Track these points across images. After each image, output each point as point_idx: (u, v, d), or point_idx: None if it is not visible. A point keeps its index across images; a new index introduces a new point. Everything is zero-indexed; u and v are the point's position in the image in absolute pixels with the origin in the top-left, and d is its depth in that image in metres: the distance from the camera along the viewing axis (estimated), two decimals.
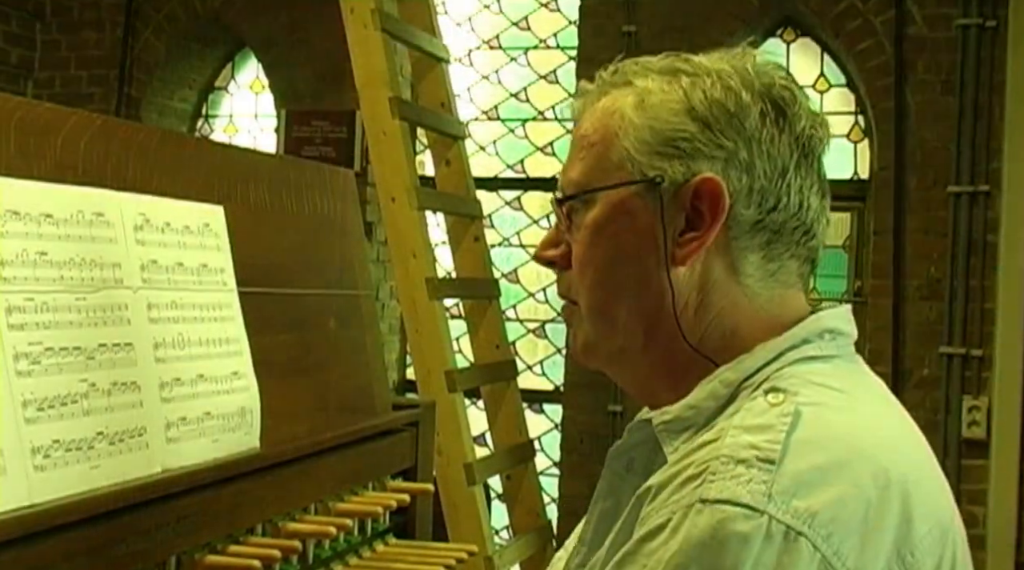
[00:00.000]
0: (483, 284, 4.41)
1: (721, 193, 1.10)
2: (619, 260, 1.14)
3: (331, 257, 2.07)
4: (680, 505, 0.98)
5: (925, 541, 1.01)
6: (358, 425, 1.96)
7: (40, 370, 1.33)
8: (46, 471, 1.30)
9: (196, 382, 1.59)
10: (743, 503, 0.95)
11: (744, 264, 1.13)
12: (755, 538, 0.94)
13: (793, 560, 0.94)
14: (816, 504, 0.96)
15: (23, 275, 1.34)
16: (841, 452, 1.00)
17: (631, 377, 1.21)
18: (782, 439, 0.99)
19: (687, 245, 1.12)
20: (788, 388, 1.05)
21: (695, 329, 1.14)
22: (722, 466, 0.98)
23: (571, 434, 5.68)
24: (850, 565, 0.95)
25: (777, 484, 0.96)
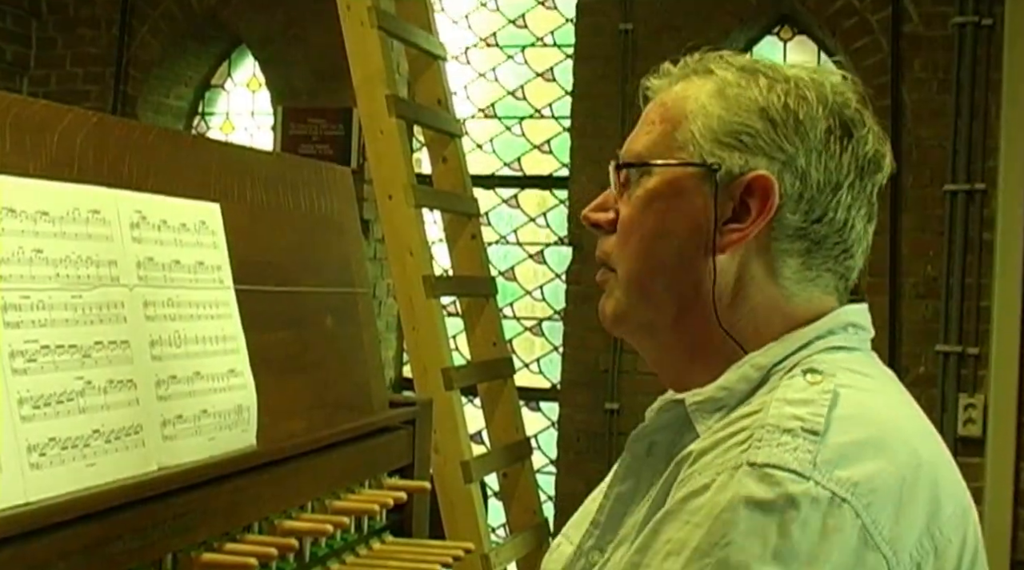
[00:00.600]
0: (480, 282, 4.41)
1: (772, 192, 1.14)
2: (663, 235, 1.18)
3: (328, 255, 2.07)
4: (726, 467, 1.02)
5: (952, 520, 1.05)
6: (355, 423, 1.96)
7: (36, 368, 1.32)
8: (42, 469, 1.30)
9: (193, 380, 1.59)
10: (791, 468, 0.99)
11: (782, 267, 1.17)
12: (803, 501, 0.98)
13: (837, 524, 0.97)
14: (857, 475, 1.00)
15: (19, 273, 1.34)
16: (877, 431, 1.04)
17: (654, 351, 1.24)
18: (824, 413, 1.03)
19: (729, 235, 1.16)
20: (824, 370, 1.10)
21: (728, 317, 1.17)
22: (768, 434, 1.02)
23: (568, 432, 5.68)
24: (885, 535, 0.99)
25: (821, 454, 1.00)
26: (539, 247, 6.17)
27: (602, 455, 5.42)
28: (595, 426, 5.56)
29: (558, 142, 6.11)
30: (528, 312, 6.18)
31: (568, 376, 5.71)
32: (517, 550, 4.18)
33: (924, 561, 1.01)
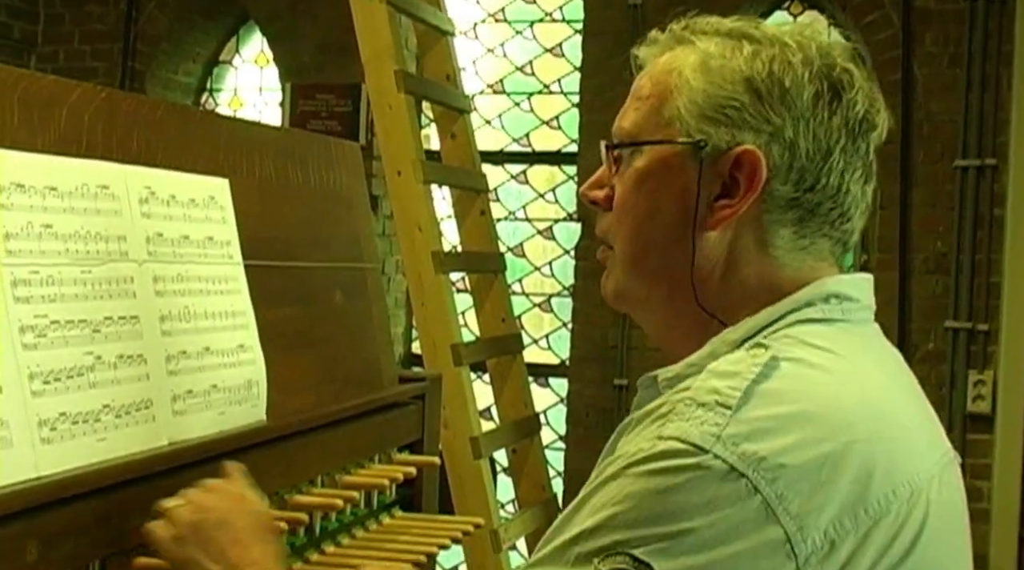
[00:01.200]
0: (489, 258, 4.40)
1: (759, 166, 1.13)
2: (655, 214, 1.18)
3: (337, 230, 2.06)
4: (644, 439, 1.03)
5: (885, 499, 1.02)
6: (364, 398, 1.97)
7: (46, 343, 1.33)
8: (52, 444, 1.30)
9: (202, 355, 1.59)
10: (691, 442, 0.99)
11: (774, 237, 1.16)
12: (695, 473, 0.98)
13: (729, 497, 0.97)
14: (765, 450, 0.99)
15: (28, 248, 1.34)
16: (806, 405, 1.03)
17: (653, 325, 1.25)
18: (744, 387, 1.02)
19: (719, 211, 1.15)
20: (771, 344, 1.09)
21: (719, 292, 1.17)
22: (684, 407, 1.03)
23: (577, 408, 5.69)
24: (792, 510, 0.98)
25: (729, 428, 1.00)
26: (548, 223, 6.16)
27: (611, 431, 5.37)
28: (604, 402, 5.56)
29: (567, 118, 6.09)
30: (537, 288, 6.18)
31: (577, 352, 5.71)
32: (526, 525, 4.19)
33: (841, 540, 0.99)
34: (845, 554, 0.99)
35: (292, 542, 1.71)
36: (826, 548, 0.98)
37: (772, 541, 0.97)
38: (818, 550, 0.98)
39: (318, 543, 1.77)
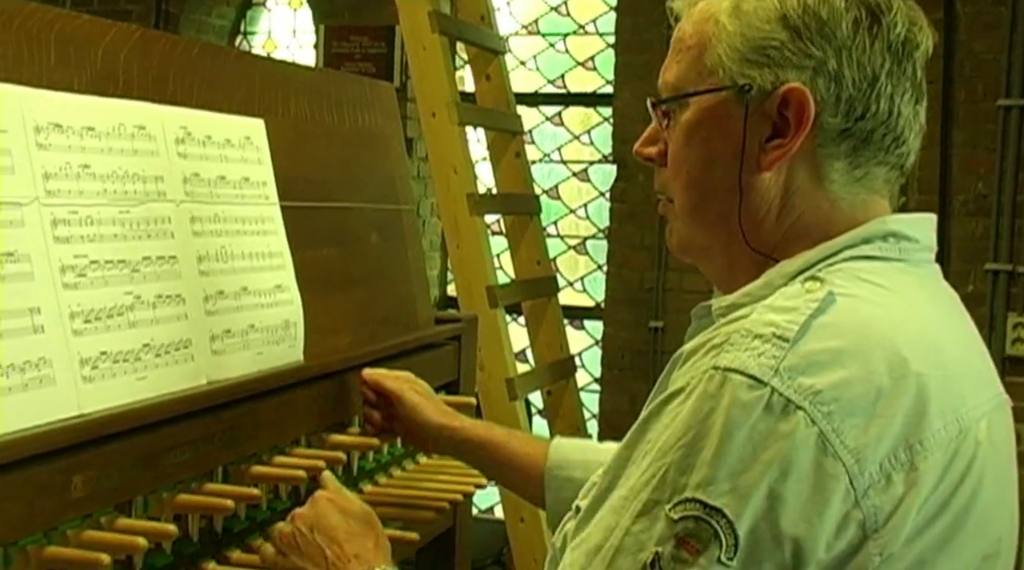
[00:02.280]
0: (524, 200, 4.39)
1: (807, 103, 1.12)
2: (709, 163, 1.18)
3: (372, 171, 2.06)
4: (699, 371, 1.03)
5: (938, 434, 1.03)
6: (400, 338, 1.97)
7: (86, 282, 1.34)
8: (94, 382, 1.32)
9: (240, 295, 1.60)
10: (749, 373, 1.00)
11: (829, 170, 1.15)
12: (754, 407, 0.98)
13: (787, 431, 0.98)
14: (822, 383, 0.99)
15: (67, 188, 1.34)
16: (860, 340, 1.03)
17: (715, 272, 1.25)
18: (801, 320, 1.03)
19: (772, 152, 1.15)
20: (827, 278, 1.09)
21: (774, 232, 1.17)
22: (740, 338, 1.03)
23: (612, 350, 5.69)
24: (849, 444, 0.98)
25: (787, 360, 1.00)
26: (583, 165, 6.13)
27: (646, 373, 5.43)
28: (639, 344, 5.57)
29: (602, 58, 6.03)
30: (572, 230, 6.16)
31: (612, 294, 5.70)
32: None
33: (896, 473, 1.00)
34: (901, 488, 1.00)
35: None
36: (883, 481, 0.99)
37: (831, 474, 0.98)
38: (875, 483, 0.99)
39: (355, 483, 1.79)
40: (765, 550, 0.97)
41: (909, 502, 1.00)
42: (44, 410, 1.24)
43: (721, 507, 0.97)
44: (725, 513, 0.97)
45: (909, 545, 1.00)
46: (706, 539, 0.97)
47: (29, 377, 1.23)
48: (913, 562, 1.01)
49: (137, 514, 1.34)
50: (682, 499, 0.99)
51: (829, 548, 0.98)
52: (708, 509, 0.98)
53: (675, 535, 0.99)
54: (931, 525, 1.01)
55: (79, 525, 1.24)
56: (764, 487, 0.97)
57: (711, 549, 0.97)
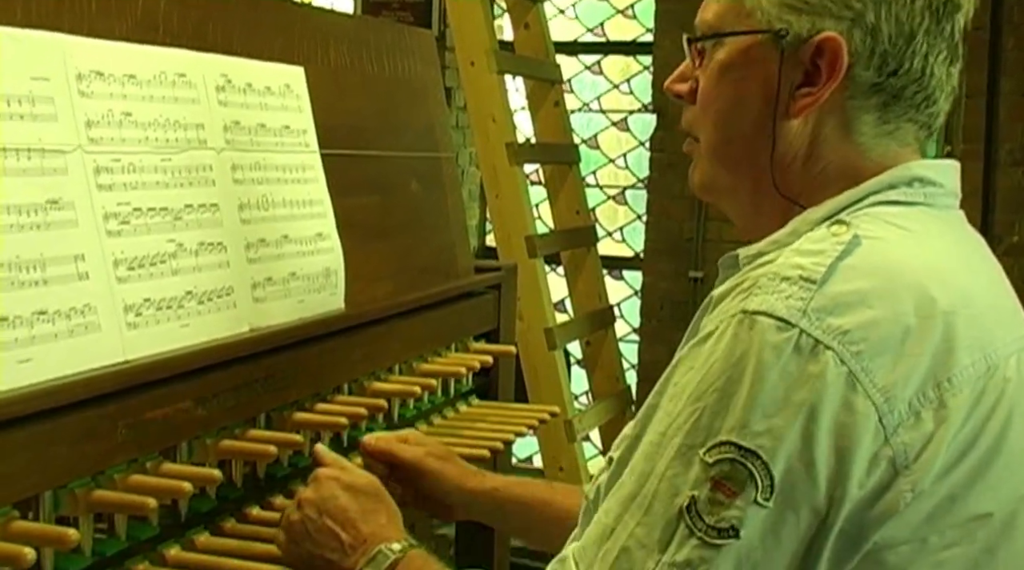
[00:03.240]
0: (563, 149, 4.37)
1: (841, 53, 1.12)
2: (739, 105, 1.19)
3: (412, 119, 2.06)
4: (727, 315, 1.04)
5: (967, 371, 1.03)
6: (441, 287, 1.98)
7: (129, 230, 1.35)
8: (138, 329, 1.33)
9: (281, 243, 1.60)
10: (778, 315, 1.00)
11: (858, 123, 1.15)
12: (784, 348, 0.99)
13: (817, 371, 0.98)
14: (849, 323, 1.00)
15: (109, 135, 1.35)
16: (887, 280, 1.04)
17: (739, 215, 1.26)
18: (828, 263, 1.03)
19: (801, 99, 1.15)
20: (853, 222, 1.09)
21: (801, 179, 1.17)
22: (768, 281, 1.03)
23: (651, 300, 5.68)
24: (878, 382, 0.99)
25: (814, 302, 1.01)
26: (623, 114, 6.09)
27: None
28: (678, 294, 5.55)
29: (642, 7, 5.97)
30: (611, 180, 6.13)
31: (651, 244, 5.68)
32: (600, 417, 4.22)
33: (925, 410, 1.00)
34: (931, 425, 1.00)
35: (371, 428, 1.74)
36: (912, 419, 1.00)
37: (861, 413, 0.98)
38: (905, 421, 0.99)
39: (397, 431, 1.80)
40: (800, 490, 0.98)
41: (939, 439, 1.00)
42: (90, 356, 1.25)
43: (755, 449, 0.98)
44: (760, 455, 0.98)
45: (940, 481, 1.01)
46: (742, 481, 0.98)
47: (75, 323, 1.24)
48: (945, 498, 1.01)
49: (182, 459, 1.35)
50: (717, 443, 1.00)
51: (861, 485, 0.99)
52: (743, 451, 0.99)
53: (711, 478, 0.99)
54: (961, 461, 1.02)
55: (125, 470, 1.26)
56: (797, 427, 0.98)
57: (747, 491, 0.98)
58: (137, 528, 1.27)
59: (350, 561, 1.27)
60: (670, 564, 0.99)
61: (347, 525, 1.30)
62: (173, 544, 1.32)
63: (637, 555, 1.01)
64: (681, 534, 1.00)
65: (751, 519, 0.98)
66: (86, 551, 1.21)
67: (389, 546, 1.27)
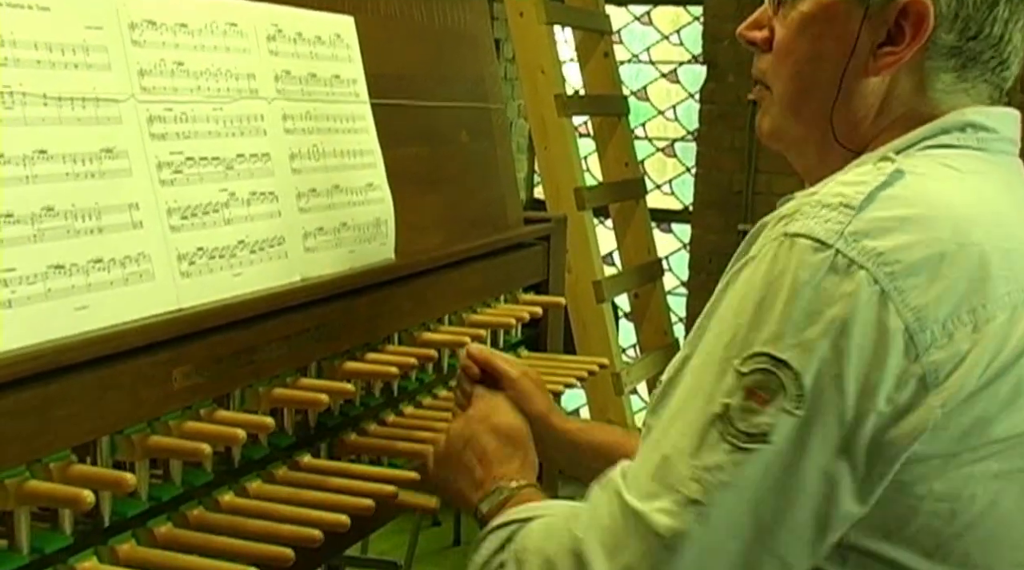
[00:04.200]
0: (612, 101, 4.34)
1: (927, 16, 1.13)
2: (817, 59, 1.20)
3: (461, 69, 2.04)
4: (769, 239, 1.07)
5: (1002, 299, 1.05)
6: (490, 238, 1.98)
7: (182, 179, 1.35)
8: (191, 277, 1.34)
9: (332, 193, 1.61)
10: (815, 237, 1.03)
11: (933, 82, 1.17)
12: (820, 267, 1.02)
13: (850, 289, 1.01)
14: (885, 245, 1.02)
15: (162, 85, 1.35)
16: (926, 211, 1.06)
17: (806, 165, 1.27)
18: (868, 191, 1.06)
19: (883, 58, 1.16)
20: (898, 158, 1.11)
21: (870, 131, 1.19)
22: (809, 208, 1.06)
23: (699, 254, 5.65)
24: (910, 302, 1.02)
25: (852, 225, 1.03)
26: (672, 66, 6.03)
27: None
28: (727, 247, 5.50)
29: None
30: (660, 132, 6.09)
31: (700, 197, 5.64)
32: (647, 370, 4.22)
33: (958, 331, 1.03)
34: (964, 345, 1.02)
35: (421, 378, 1.75)
36: (944, 339, 1.02)
37: (892, 331, 1.01)
38: (936, 341, 1.02)
39: (446, 380, 1.81)
40: (828, 400, 1.01)
41: (972, 360, 1.02)
42: (144, 304, 1.26)
43: (787, 360, 1.01)
44: (791, 365, 1.01)
45: (971, 401, 1.03)
46: (773, 389, 1.02)
47: (130, 272, 1.25)
48: (978, 418, 1.04)
49: (235, 407, 1.37)
50: (751, 353, 1.03)
51: (889, 400, 1.01)
52: (775, 361, 1.02)
53: (744, 387, 1.03)
54: (993, 384, 1.04)
55: (180, 416, 1.27)
56: (828, 341, 1.01)
57: (778, 399, 1.02)
58: (191, 474, 1.29)
59: (476, 495, 1.33)
60: (702, 467, 1.03)
61: (483, 462, 1.36)
62: (226, 490, 1.34)
63: (675, 460, 1.05)
64: (712, 438, 1.04)
65: (780, 426, 1.02)
66: (142, 496, 1.23)
67: (507, 484, 1.32)
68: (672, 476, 1.05)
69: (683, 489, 1.03)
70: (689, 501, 1.03)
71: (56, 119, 1.20)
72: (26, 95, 1.17)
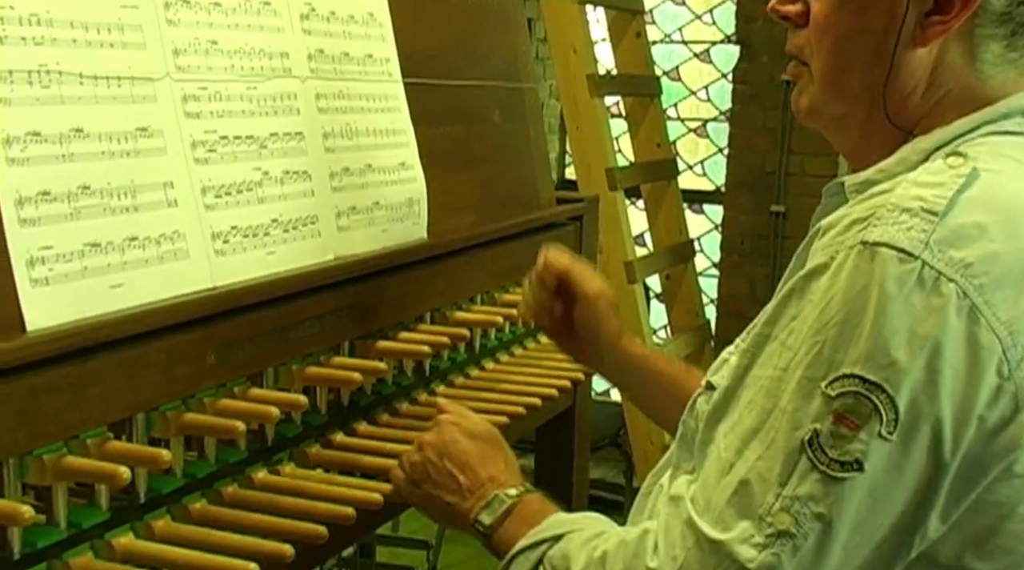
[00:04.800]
0: (644, 81, 4.32)
1: None
2: (860, 33, 1.15)
3: (494, 48, 2.04)
4: (844, 246, 1.02)
5: None
6: (522, 217, 1.97)
7: (216, 158, 1.36)
8: (226, 256, 1.35)
9: (365, 172, 1.61)
10: (899, 247, 0.99)
11: (983, 51, 1.12)
12: (907, 281, 0.98)
13: (940, 304, 0.97)
14: (972, 256, 0.99)
15: (196, 63, 1.35)
16: (1007, 214, 1.02)
17: (848, 144, 1.22)
18: (950, 195, 1.01)
19: (931, 28, 1.11)
20: (970, 154, 1.07)
21: (918, 108, 1.14)
22: (887, 213, 1.01)
23: (732, 235, 5.62)
24: (1001, 316, 0.98)
25: (936, 234, 0.99)
26: (705, 46, 5.99)
27: (766, 258, 5.36)
28: (760, 228, 5.48)
29: None
30: (693, 113, 6.06)
31: (733, 178, 5.61)
32: (679, 351, 4.21)
33: None
34: None
35: (453, 357, 1.75)
36: None
37: (985, 347, 0.97)
38: None
39: (478, 360, 1.81)
40: (923, 423, 0.97)
41: None
42: (179, 282, 1.27)
43: (880, 382, 0.97)
44: (884, 387, 0.97)
45: None
46: (865, 414, 0.98)
47: (164, 250, 1.26)
48: None
49: (268, 385, 1.37)
50: (839, 375, 0.99)
51: (982, 419, 0.98)
52: (867, 384, 0.98)
53: (833, 411, 0.99)
54: None
55: (214, 394, 1.28)
56: (921, 360, 0.97)
57: (871, 424, 0.98)
58: (225, 451, 1.30)
59: (467, 504, 1.28)
60: (792, 497, 0.99)
61: (466, 469, 1.31)
62: (260, 468, 1.34)
63: (757, 488, 1.01)
64: (803, 467, 0.99)
65: (875, 453, 0.97)
66: (177, 472, 1.23)
67: (505, 491, 1.27)
68: (757, 505, 1.01)
69: (773, 520, 1.00)
70: (780, 533, 0.99)
71: (92, 98, 1.20)
72: (63, 74, 1.17)
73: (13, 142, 1.11)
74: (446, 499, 1.30)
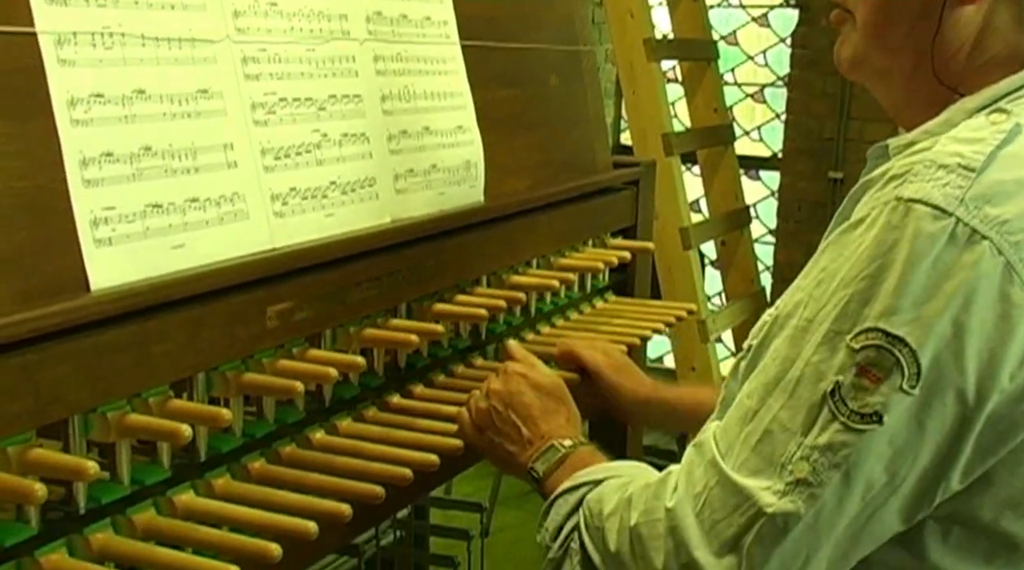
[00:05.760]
0: (701, 46, 4.27)
1: None
2: None
3: (551, 11, 2.02)
4: (879, 201, 1.01)
5: None
6: (579, 181, 1.96)
7: (275, 120, 1.36)
8: (284, 217, 1.35)
9: (422, 135, 1.61)
10: (934, 204, 0.98)
11: None
12: (939, 237, 0.97)
13: (972, 261, 0.96)
14: (1009, 213, 0.98)
15: (255, 25, 1.36)
16: None
17: (890, 98, 1.21)
18: (988, 151, 1.00)
19: None
20: (1014, 111, 1.06)
21: (964, 67, 1.12)
22: (924, 169, 1.01)
23: (788, 201, 5.57)
24: None
25: (972, 190, 0.98)
26: (763, 9, 5.92)
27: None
28: (817, 195, 5.43)
29: None
30: (750, 78, 5.99)
31: (790, 144, 5.55)
32: (734, 317, 4.19)
33: None
34: None
35: (509, 321, 1.75)
36: None
37: (1017, 305, 0.97)
38: None
39: (533, 324, 1.81)
40: (948, 379, 0.97)
41: None
42: (239, 243, 1.28)
43: (904, 336, 0.97)
44: (908, 342, 0.97)
45: None
46: (888, 368, 0.98)
47: (224, 211, 1.27)
48: None
49: (326, 346, 1.38)
50: (864, 329, 0.99)
51: (1012, 378, 0.97)
52: (890, 338, 0.98)
53: (856, 364, 0.99)
54: None
55: (273, 355, 1.29)
56: (948, 317, 0.96)
57: (893, 377, 0.97)
58: (284, 411, 1.31)
59: (525, 454, 1.33)
60: (812, 447, 1.00)
61: (528, 421, 1.35)
62: (318, 428, 1.35)
63: (780, 438, 1.02)
64: (824, 418, 1.00)
65: (896, 406, 0.98)
66: (237, 432, 1.25)
67: (561, 442, 1.31)
68: (779, 453, 1.01)
69: (793, 469, 1.00)
70: (799, 482, 1.00)
71: (154, 59, 1.21)
72: (125, 35, 1.18)
73: (77, 103, 1.12)
74: (507, 447, 1.35)
